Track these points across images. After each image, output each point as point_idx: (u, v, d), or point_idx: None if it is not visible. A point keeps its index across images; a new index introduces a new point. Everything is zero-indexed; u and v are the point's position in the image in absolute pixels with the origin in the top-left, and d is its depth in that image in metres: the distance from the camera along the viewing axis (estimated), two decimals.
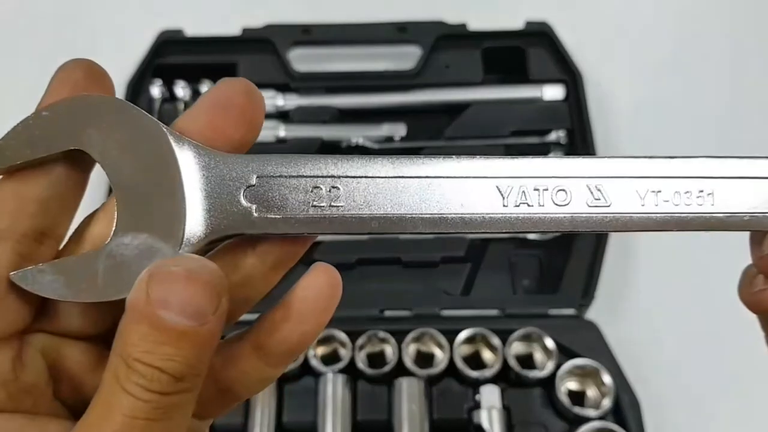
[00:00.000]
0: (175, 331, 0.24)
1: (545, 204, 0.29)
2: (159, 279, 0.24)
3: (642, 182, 0.30)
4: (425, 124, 0.82)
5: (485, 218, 0.29)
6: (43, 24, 0.93)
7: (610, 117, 0.84)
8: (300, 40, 0.84)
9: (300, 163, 0.29)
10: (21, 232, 0.27)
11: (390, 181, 0.29)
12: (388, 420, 0.67)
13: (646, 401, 0.67)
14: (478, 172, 0.29)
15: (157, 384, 0.24)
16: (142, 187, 0.27)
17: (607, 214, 0.30)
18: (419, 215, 0.29)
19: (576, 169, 0.30)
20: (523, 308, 0.73)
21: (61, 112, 0.28)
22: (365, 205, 0.29)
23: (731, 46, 0.91)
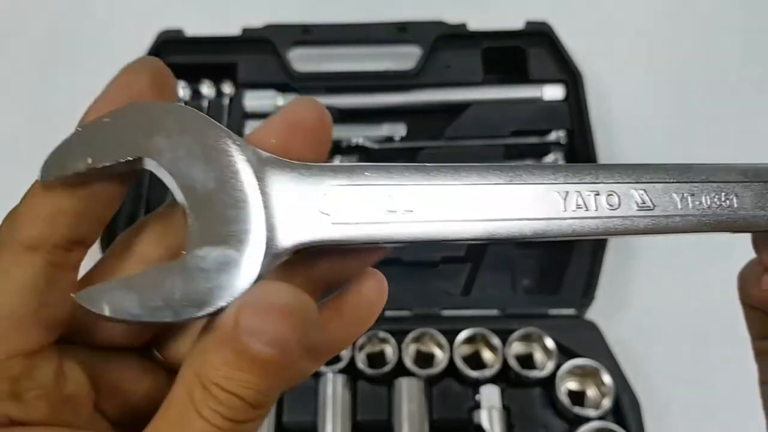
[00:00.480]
0: (259, 360, 0.24)
1: (599, 208, 0.31)
2: (252, 307, 0.24)
3: (680, 186, 0.32)
4: (425, 124, 0.82)
5: (549, 223, 0.30)
6: (43, 24, 0.93)
7: (610, 117, 0.84)
8: (300, 40, 0.84)
9: (371, 172, 0.29)
10: (53, 243, 0.26)
11: (459, 189, 0.30)
12: (388, 420, 0.67)
13: (646, 401, 0.67)
14: (539, 179, 0.31)
15: (234, 412, 0.24)
16: (215, 197, 0.26)
17: (652, 217, 0.31)
18: (489, 221, 0.30)
19: (624, 176, 0.32)
20: (523, 308, 0.73)
21: (125, 118, 0.26)
22: (437, 213, 0.29)
23: (732, 45, 0.91)
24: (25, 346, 0.26)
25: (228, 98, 0.83)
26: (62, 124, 0.99)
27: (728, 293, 0.78)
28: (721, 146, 0.83)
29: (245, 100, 0.82)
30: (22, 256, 0.26)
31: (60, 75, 0.90)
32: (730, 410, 0.71)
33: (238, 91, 0.83)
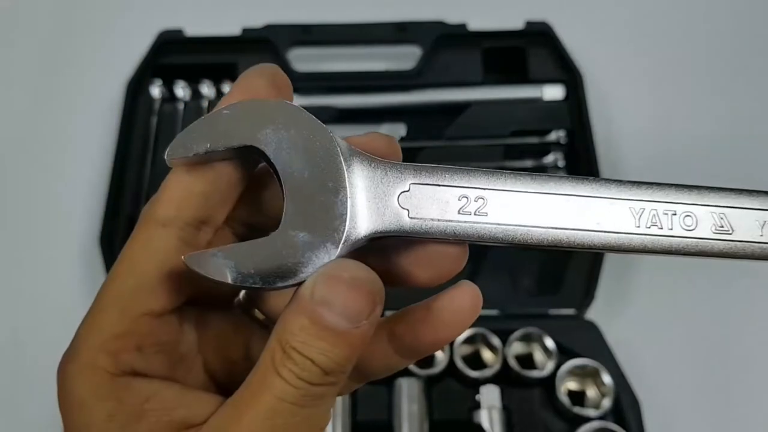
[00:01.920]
0: (331, 330, 0.27)
1: (674, 228, 0.31)
2: (326, 280, 0.27)
3: (762, 214, 0.32)
4: (425, 124, 0.82)
5: (620, 238, 0.31)
6: (43, 24, 0.93)
7: (610, 117, 0.84)
8: (300, 40, 0.84)
9: (450, 173, 0.31)
10: (184, 221, 0.30)
11: (532, 197, 0.31)
12: (388, 420, 0.67)
13: (646, 401, 0.67)
14: (613, 194, 0.31)
15: (308, 374, 0.27)
16: (309, 185, 0.30)
17: (729, 242, 0.32)
18: (558, 229, 0.31)
19: (702, 197, 0.32)
20: (523, 308, 0.74)
21: (240, 111, 0.30)
22: (509, 217, 0.31)
23: (732, 45, 0.91)
24: (155, 307, 0.30)
25: None
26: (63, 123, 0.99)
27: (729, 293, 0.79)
28: (721, 146, 0.83)
29: None
30: (158, 231, 0.30)
31: (60, 75, 0.90)
32: (730, 410, 0.71)
33: None
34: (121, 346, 0.29)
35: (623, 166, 0.82)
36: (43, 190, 0.83)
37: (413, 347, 0.33)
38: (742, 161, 0.82)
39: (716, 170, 0.80)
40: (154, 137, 0.81)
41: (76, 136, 0.85)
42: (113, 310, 0.29)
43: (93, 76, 0.89)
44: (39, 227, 0.81)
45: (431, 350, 0.33)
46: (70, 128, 0.86)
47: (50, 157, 0.84)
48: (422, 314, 0.32)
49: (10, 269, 0.79)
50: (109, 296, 0.30)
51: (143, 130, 0.81)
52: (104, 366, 0.28)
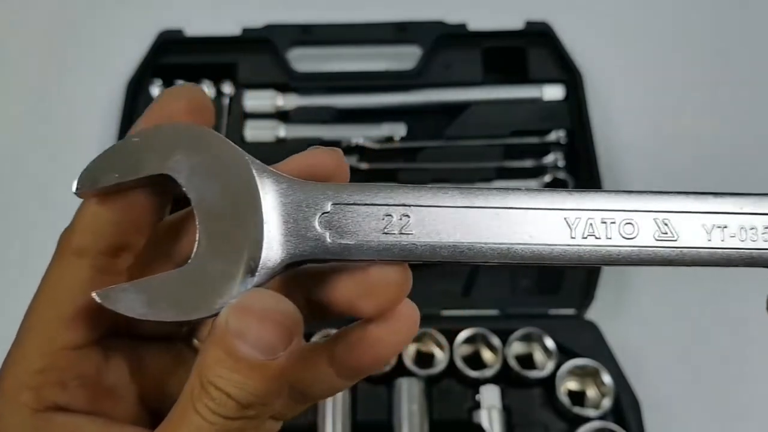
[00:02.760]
0: (246, 362, 0.26)
1: (612, 237, 0.30)
2: (237, 312, 0.26)
3: (709, 218, 0.31)
4: (425, 124, 0.82)
5: (553, 250, 0.30)
6: (43, 24, 0.93)
7: (610, 117, 0.84)
8: (300, 40, 0.84)
9: (373, 191, 0.30)
10: (98, 250, 0.29)
11: (459, 211, 0.30)
12: (388, 420, 0.67)
13: (646, 401, 0.67)
14: (547, 204, 0.30)
15: (224, 408, 0.26)
16: (223, 212, 0.29)
17: (674, 248, 0.30)
18: (488, 245, 0.30)
19: (643, 204, 0.30)
20: (523, 308, 0.74)
21: (149, 138, 0.29)
22: (435, 234, 0.30)
23: (733, 45, 0.91)
24: (73, 340, 0.29)
25: (228, 98, 0.83)
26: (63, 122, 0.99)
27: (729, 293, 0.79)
28: (722, 146, 0.83)
29: (245, 100, 0.82)
30: (72, 262, 0.29)
31: (60, 75, 0.90)
32: (730, 410, 0.71)
33: (238, 91, 0.83)
34: (43, 381, 0.28)
35: (623, 166, 0.82)
36: (43, 190, 0.83)
37: (354, 368, 0.32)
38: (742, 161, 0.82)
39: (717, 170, 0.80)
40: None
41: (76, 136, 0.85)
42: (33, 345, 0.29)
43: (93, 76, 0.89)
44: (39, 227, 0.81)
45: (372, 370, 0.32)
46: (70, 128, 0.86)
47: (50, 157, 0.84)
48: (360, 335, 0.31)
49: (9, 271, 0.79)
50: (30, 330, 0.29)
51: None
52: (26, 402, 0.28)
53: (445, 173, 0.78)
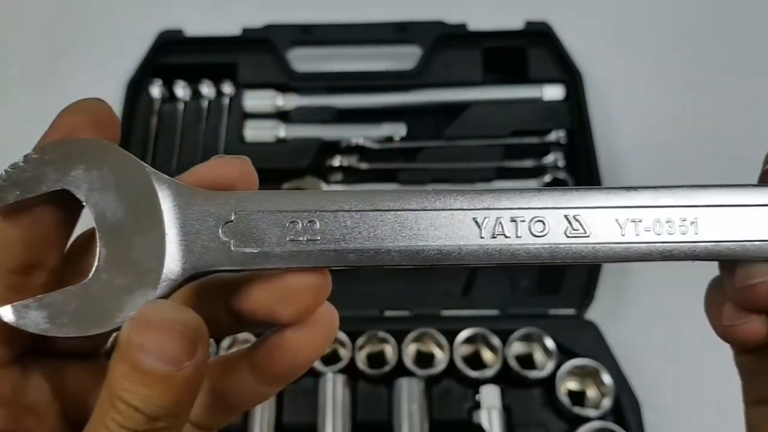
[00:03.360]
0: (151, 374, 0.25)
1: (522, 235, 0.30)
2: (136, 324, 0.26)
3: (621, 212, 0.30)
4: (425, 124, 0.82)
5: (462, 250, 0.30)
6: (43, 24, 0.93)
7: (610, 117, 0.84)
8: (300, 40, 0.84)
9: (277, 198, 0.29)
10: (7, 268, 0.29)
11: (364, 215, 0.29)
12: (388, 420, 0.67)
13: (646, 401, 0.67)
14: (454, 204, 0.30)
15: (132, 422, 0.26)
16: (124, 225, 0.28)
17: (586, 245, 0.30)
18: (396, 248, 0.29)
19: (553, 200, 0.30)
20: (523, 308, 0.73)
21: (49, 154, 0.29)
22: (342, 239, 0.29)
23: (733, 46, 0.91)
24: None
25: (228, 98, 0.83)
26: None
27: None
28: (723, 146, 0.83)
29: (245, 100, 0.82)
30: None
31: (60, 74, 0.90)
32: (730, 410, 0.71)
33: (238, 90, 0.83)
34: None
35: (623, 166, 0.82)
36: None
37: (274, 375, 0.32)
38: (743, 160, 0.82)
39: (717, 169, 0.80)
40: (154, 137, 0.81)
41: None
42: None
43: (93, 76, 0.89)
44: None
45: (294, 376, 0.32)
46: None
47: None
48: (278, 341, 0.31)
49: None
50: None
51: (143, 130, 0.81)
52: None
53: (445, 173, 0.78)
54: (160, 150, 0.80)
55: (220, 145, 0.80)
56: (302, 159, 0.79)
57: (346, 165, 0.79)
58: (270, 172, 0.78)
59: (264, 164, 0.78)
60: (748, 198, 0.30)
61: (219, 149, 0.79)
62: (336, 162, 0.79)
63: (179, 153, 0.80)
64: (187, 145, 0.80)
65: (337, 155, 0.79)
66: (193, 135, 0.81)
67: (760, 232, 0.30)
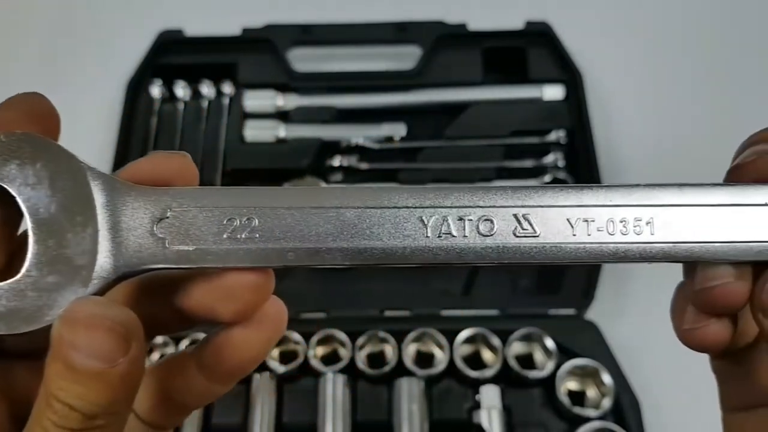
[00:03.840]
0: (84, 372, 0.25)
1: (469, 234, 0.29)
2: (65, 322, 0.25)
3: (573, 211, 0.29)
4: (425, 124, 0.82)
5: (407, 249, 0.29)
6: (43, 24, 0.93)
7: (611, 117, 0.84)
8: (300, 40, 0.84)
9: (214, 194, 0.28)
10: None
11: (304, 212, 0.28)
12: (388, 420, 0.66)
13: (646, 401, 0.67)
14: (399, 202, 0.29)
15: (68, 421, 0.25)
16: (56, 222, 0.28)
17: (535, 245, 0.29)
18: (338, 247, 0.28)
19: (502, 199, 0.29)
20: (523, 308, 0.73)
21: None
22: (282, 237, 0.28)
23: (733, 43, 0.91)
24: None
25: (228, 98, 0.83)
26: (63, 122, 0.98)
27: None
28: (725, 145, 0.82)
29: (245, 100, 0.82)
30: None
31: (60, 74, 0.90)
32: None
33: (238, 91, 0.83)
34: None
35: (623, 166, 0.82)
36: None
37: (223, 373, 0.31)
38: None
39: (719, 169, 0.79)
40: (154, 137, 0.81)
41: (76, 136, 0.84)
42: None
43: (93, 76, 0.89)
44: None
45: (243, 373, 0.31)
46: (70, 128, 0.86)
47: None
48: (225, 339, 0.30)
49: None
50: None
51: (143, 130, 0.81)
52: None
53: (445, 173, 0.78)
54: (160, 149, 0.79)
55: (220, 145, 0.80)
56: (302, 159, 0.78)
57: (346, 165, 0.79)
58: (270, 172, 0.78)
59: (264, 164, 0.78)
60: (707, 198, 0.30)
61: (219, 149, 0.79)
62: (336, 162, 0.79)
63: None
64: (187, 146, 0.80)
65: (337, 155, 0.79)
66: (193, 135, 0.81)
67: (719, 233, 0.29)
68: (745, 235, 0.29)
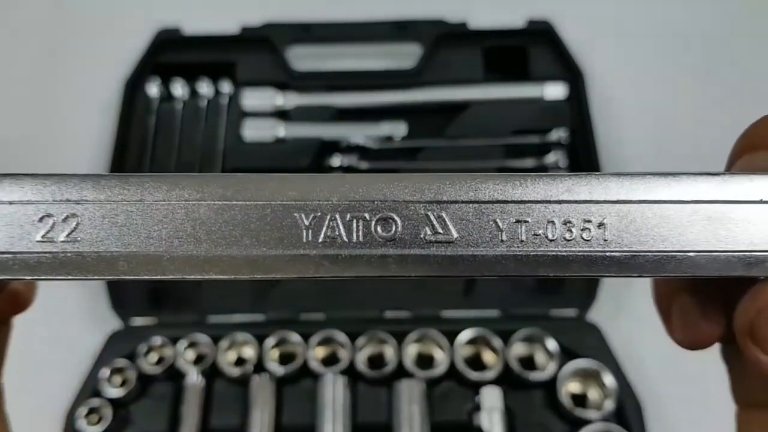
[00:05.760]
0: None
1: (363, 238, 0.23)
2: None
3: (499, 208, 0.23)
4: (426, 123, 0.81)
5: (284, 257, 0.23)
6: (40, 22, 0.93)
7: (613, 116, 0.84)
8: (299, 38, 0.84)
9: (22, 183, 0.22)
10: None
11: (146, 207, 0.23)
12: (388, 422, 0.66)
13: (648, 403, 0.66)
14: (273, 194, 0.23)
15: None
16: None
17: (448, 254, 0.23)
18: (186, 254, 0.23)
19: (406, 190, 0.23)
20: (525, 309, 0.73)
21: None
22: (111, 240, 0.22)
23: (737, 45, 0.90)
24: None
25: (227, 97, 0.82)
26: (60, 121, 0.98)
27: None
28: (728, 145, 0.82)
29: (244, 98, 0.81)
30: None
31: (57, 73, 0.89)
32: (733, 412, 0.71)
33: (236, 89, 0.82)
34: None
35: (626, 166, 0.81)
36: None
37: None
38: None
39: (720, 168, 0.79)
40: (152, 136, 0.80)
41: (73, 135, 0.85)
42: None
43: (90, 75, 0.88)
44: None
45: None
46: (67, 127, 0.86)
47: (47, 156, 0.84)
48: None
49: None
50: None
51: (141, 129, 0.81)
52: None
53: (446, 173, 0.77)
54: (158, 149, 0.79)
55: (219, 144, 0.79)
56: (302, 158, 0.78)
57: (346, 164, 0.78)
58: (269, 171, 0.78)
59: (263, 164, 0.78)
60: (680, 191, 0.23)
61: (218, 148, 0.79)
62: (336, 161, 0.78)
63: (178, 152, 0.79)
64: (185, 144, 0.79)
65: (337, 154, 0.79)
66: (191, 134, 0.80)
67: (697, 240, 0.23)
68: (732, 242, 0.23)
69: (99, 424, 0.64)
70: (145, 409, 0.67)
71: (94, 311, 0.73)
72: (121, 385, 0.67)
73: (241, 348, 0.70)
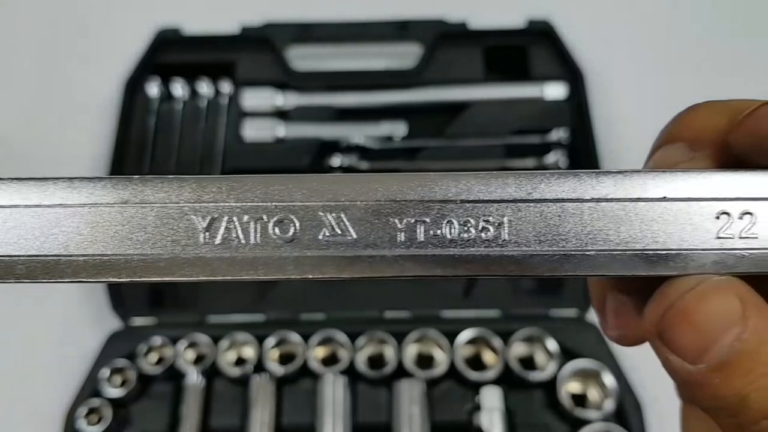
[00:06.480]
0: None
1: (260, 240, 0.22)
2: None
3: (394, 207, 0.22)
4: (426, 123, 0.81)
5: (177, 259, 0.22)
6: (39, 22, 0.93)
7: (613, 116, 0.84)
8: (299, 38, 0.84)
9: None
10: None
11: (46, 211, 0.22)
12: (387, 422, 0.66)
13: (648, 403, 0.66)
14: (168, 195, 0.22)
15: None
16: None
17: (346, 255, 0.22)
18: (87, 255, 0.22)
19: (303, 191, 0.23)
20: (525, 309, 0.73)
21: None
22: (10, 242, 0.22)
23: (738, 45, 0.90)
24: None
25: (227, 97, 0.82)
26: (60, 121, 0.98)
27: None
28: None
29: (244, 98, 0.81)
30: None
31: (57, 73, 0.89)
32: None
33: (236, 89, 0.82)
34: None
35: (626, 166, 0.81)
36: None
37: None
38: None
39: None
40: (152, 136, 0.80)
41: (73, 135, 0.85)
42: None
43: (90, 75, 0.88)
44: None
45: None
46: (67, 127, 0.86)
47: (46, 156, 0.84)
48: None
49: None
50: None
51: (141, 129, 0.81)
52: None
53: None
54: (158, 149, 0.79)
55: (219, 144, 0.79)
56: (301, 158, 0.78)
57: (346, 164, 0.78)
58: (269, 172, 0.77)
59: (263, 164, 0.78)
60: (582, 189, 0.23)
61: (218, 148, 0.79)
62: (336, 161, 0.78)
63: (178, 152, 0.79)
64: (185, 144, 0.79)
65: (337, 154, 0.79)
66: (191, 134, 0.80)
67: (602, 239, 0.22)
68: (633, 241, 0.22)
69: (99, 424, 0.64)
70: (145, 409, 0.67)
71: (94, 311, 0.73)
72: (121, 385, 0.67)
73: (241, 348, 0.70)
